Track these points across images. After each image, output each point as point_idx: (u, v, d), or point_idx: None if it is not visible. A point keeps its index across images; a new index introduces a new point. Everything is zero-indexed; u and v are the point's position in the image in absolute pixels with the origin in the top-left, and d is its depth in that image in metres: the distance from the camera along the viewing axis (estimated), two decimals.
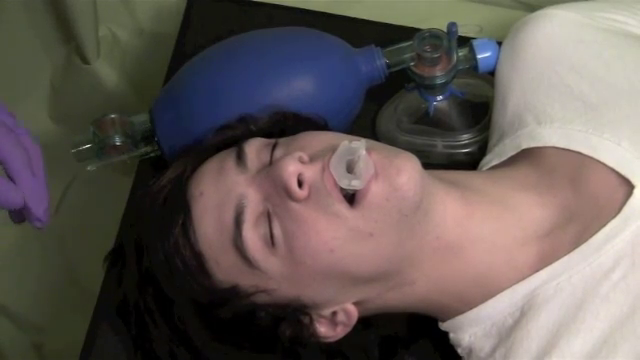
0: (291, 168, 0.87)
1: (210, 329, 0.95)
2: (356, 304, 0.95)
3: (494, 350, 0.94)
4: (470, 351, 0.96)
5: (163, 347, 0.97)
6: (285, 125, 1.01)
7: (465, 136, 1.14)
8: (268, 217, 0.89)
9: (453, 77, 1.09)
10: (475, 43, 1.09)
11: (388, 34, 1.19)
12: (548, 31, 1.04)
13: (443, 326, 0.99)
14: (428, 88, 1.11)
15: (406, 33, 1.11)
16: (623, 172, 0.92)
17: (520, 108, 1.03)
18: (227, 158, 0.94)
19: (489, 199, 0.96)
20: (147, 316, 0.96)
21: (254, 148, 0.93)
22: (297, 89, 1.05)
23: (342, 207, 0.88)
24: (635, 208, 0.91)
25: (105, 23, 1.45)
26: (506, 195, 0.97)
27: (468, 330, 0.96)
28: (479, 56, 1.08)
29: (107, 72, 1.50)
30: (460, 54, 1.09)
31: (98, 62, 1.48)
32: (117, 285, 0.99)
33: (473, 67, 1.09)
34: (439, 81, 1.09)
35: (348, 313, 0.95)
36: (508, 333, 0.93)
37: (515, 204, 0.96)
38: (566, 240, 0.93)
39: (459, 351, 0.98)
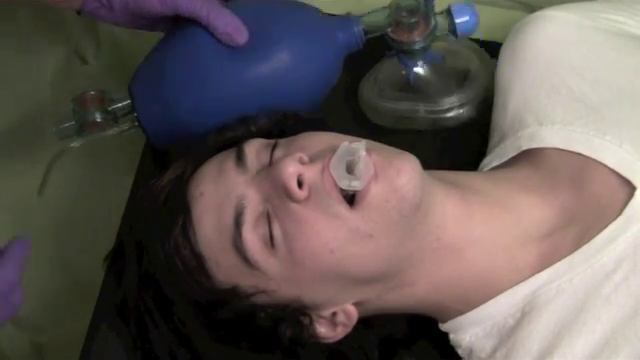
0: (291, 169, 0.87)
1: (210, 329, 0.95)
2: (356, 305, 0.94)
3: (495, 351, 0.94)
4: (470, 352, 0.96)
5: (163, 347, 0.97)
6: (285, 125, 1.01)
7: (447, 100, 1.13)
8: (268, 218, 0.89)
9: (431, 41, 1.08)
10: (453, 7, 1.06)
11: None
12: (548, 32, 1.04)
13: (443, 327, 0.99)
14: (407, 54, 1.10)
15: None
16: (624, 173, 0.92)
17: (521, 109, 1.03)
18: (227, 159, 0.94)
19: (489, 200, 0.96)
20: (147, 316, 0.96)
21: (254, 149, 0.93)
22: (276, 60, 1.03)
23: (342, 208, 0.88)
24: (636, 209, 0.91)
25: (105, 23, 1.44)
26: (506, 196, 0.96)
27: (468, 331, 0.96)
28: (457, 20, 1.06)
29: (107, 72, 1.49)
30: (438, 19, 1.07)
31: (98, 62, 1.48)
32: (117, 285, 0.99)
33: (452, 31, 1.07)
34: (418, 46, 1.07)
35: (348, 314, 0.94)
36: (509, 334, 0.93)
37: (516, 205, 0.96)
38: (567, 241, 0.93)
39: (459, 352, 0.98)
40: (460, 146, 0.93)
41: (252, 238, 0.89)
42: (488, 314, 0.94)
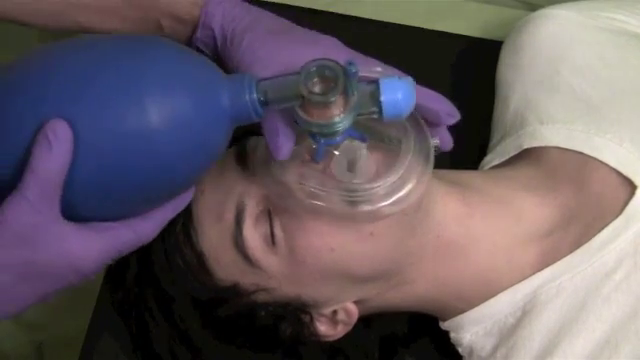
0: (292, 167, 0.86)
1: (211, 328, 0.94)
2: (357, 303, 0.94)
3: (495, 349, 0.94)
4: (471, 350, 0.96)
5: (163, 346, 0.96)
6: None
7: (368, 188, 0.86)
8: (269, 216, 0.88)
9: (353, 120, 0.79)
10: (382, 82, 0.78)
11: (390, 33, 1.19)
12: (550, 31, 1.04)
13: (444, 325, 0.99)
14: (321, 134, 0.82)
15: (408, 32, 1.10)
16: (625, 172, 0.92)
17: (522, 108, 1.03)
18: (228, 157, 0.93)
19: (490, 199, 0.96)
20: (147, 314, 0.96)
21: (255, 146, 0.92)
22: (132, 121, 0.74)
23: (343, 206, 0.87)
24: (637, 208, 0.91)
25: None
26: (507, 195, 0.96)
27: (469, 329, 0.96)
28: (383, 98, 0.78)
29: None
30: (364, 90, 0.79)
31: None
32: (117, 283, 0.98)
33: (377, 111, 0.79)
34: (332, 129, 0.78)
35: (348, 312, 0.94)
36: (510, 332, 0.93)
37: (516, 204, 0.96)
38: (568, 240, 0.93)
39: (460, 350, 0.98)
40: (461, 144, 0.92)
41: (253, 236, 0.88)
42: (489, 313, 0.94)
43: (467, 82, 1.21)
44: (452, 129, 0.90)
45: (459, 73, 1.22)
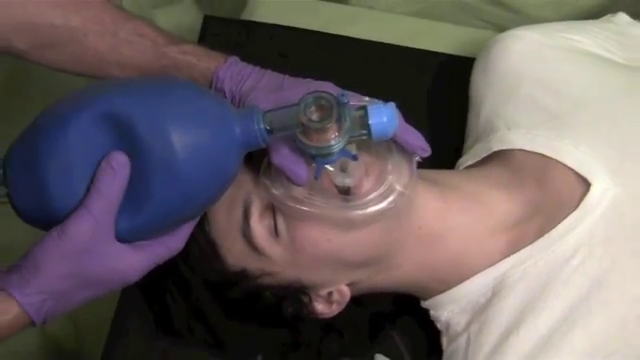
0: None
1: (222, 307, 0.96)
2: (349, 285, 0.95)
3: (469, 325, 0.95)
4: (448, 325, 0.97)
5: (182, 323, 0.99)
6: None
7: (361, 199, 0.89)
8: (272, 210, 0.89)
9: (346, 143, 0.83)
10: (369, 107, 0.82)
11: (375, 51, 1.20)
12: (516, 49, 1.05)
13: (424, 304, 1.00)
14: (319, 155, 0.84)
15: (392, 50, 1.11)
16: (581, 172, 0.94)
17: (492, 116, 1.04)
18: None
19: (464, 195, 0.97)
20: (168, 296, 0.97)
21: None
22: (158, 150, 0.79)
23: (338, 201, 0.88)
24: (592, 203, 0.92)
25: None
26: (479, 191, 0.98)
27: (446, 307, 0.97)
28: (371, 121, 0.81)
29: None
30: (354, 115, 0.82)
31: None
32: None
33: (367, 133, 0.82)
34: (329, 150, 0.82)
35: (342, 293, 0.95)
36: (481, 310, 0.94)
37: (487, 199, 0.97)
38: (532, 230, 0.94)
39: (438, 326, 0.99)
40: (439, 147, 0.93)
41: (259, 228, 0.90)
42: (463, 293, 0.96)
43: (443, 93, 1.21)
44: (432, 134, 0.92)
45: (437, 85, 1.23)
